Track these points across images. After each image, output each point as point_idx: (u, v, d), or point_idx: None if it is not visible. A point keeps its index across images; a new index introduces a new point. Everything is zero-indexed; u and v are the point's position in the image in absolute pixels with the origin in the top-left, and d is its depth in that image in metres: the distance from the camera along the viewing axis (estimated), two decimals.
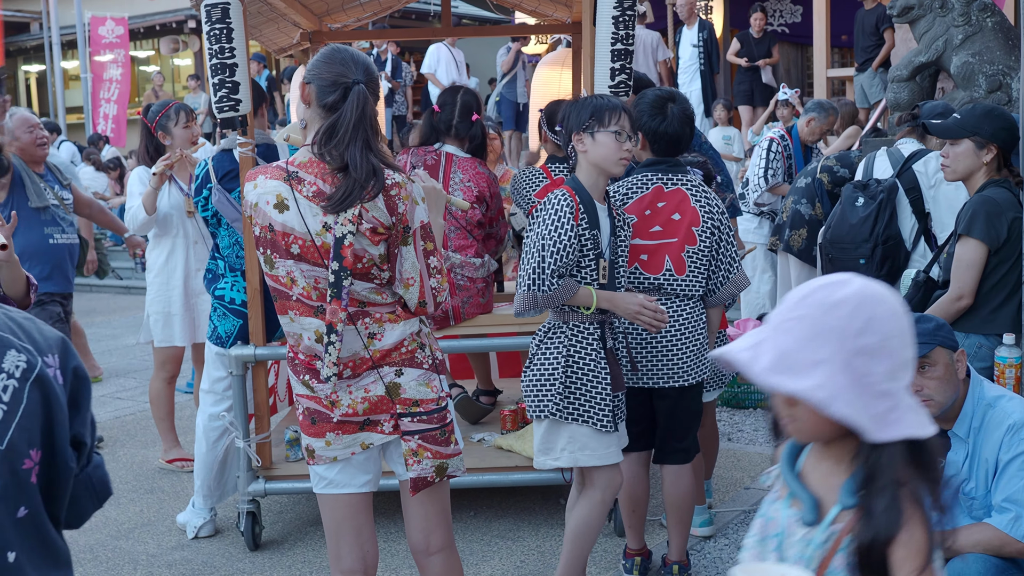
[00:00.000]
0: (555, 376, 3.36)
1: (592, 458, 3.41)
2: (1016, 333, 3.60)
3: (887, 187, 4.75)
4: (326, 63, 2.73)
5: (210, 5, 3.96)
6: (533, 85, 6.73)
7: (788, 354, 1.58)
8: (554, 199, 3.31)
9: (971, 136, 3.75)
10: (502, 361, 5.99)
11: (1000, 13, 5.92)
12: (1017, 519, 2.81)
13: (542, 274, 3.25)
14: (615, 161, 3.33)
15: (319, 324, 2.74)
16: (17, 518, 1.50)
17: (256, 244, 2.79)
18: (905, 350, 1.62)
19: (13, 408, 1.50)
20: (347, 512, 2.89)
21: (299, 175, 2.70)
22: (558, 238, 3.25)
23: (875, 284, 1.62)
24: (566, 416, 3.38)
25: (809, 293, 1.62)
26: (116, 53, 16.85)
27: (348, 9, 5.88)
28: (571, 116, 3.39)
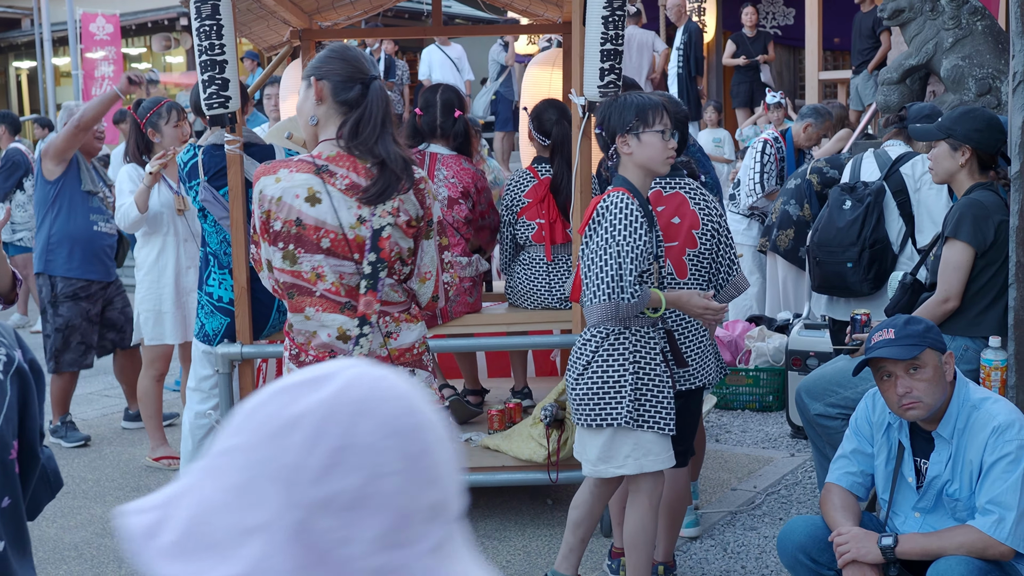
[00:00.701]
0: (624, 383, 3.28)
1: (656, 463, 3.35)
2: (1002, 336, 3.61)
3: (874, 190, 4.76)
4: (339, 60, 2.74)
5: (200, 1, 3.95)
6: (523, 85, 6.71)
7: (206, 518, 0.90)
8: (619, 202, 3.22)
9: (945, 138, 3.77)
10: (491, 360, 5.99)
11: (990, 17, 5.94)
12: (1000, 521, 2.82)
13: (621, 281, 3.16)
14: (662, 161, 3.30)
15: (343, 320, 2.73)
16: (2, 508, 1.51)
17: (273, 240, 2.72)
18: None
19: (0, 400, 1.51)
20: None
21: (330, 168, 2.70)
22: (635, 242, 3.18)
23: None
24: (639, 424, 3.30)
25: (257, 406, 0.93)
26: (107, 50, 16.80)
27: (338, 7, 5.87)
28: (612, 118, 3.31)
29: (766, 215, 7.17)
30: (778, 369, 6.19)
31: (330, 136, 2.75)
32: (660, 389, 3.34)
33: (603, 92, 3.97)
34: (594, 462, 3.38)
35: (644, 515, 3.41)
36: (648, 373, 3.33)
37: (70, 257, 5.57)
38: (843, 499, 3.18)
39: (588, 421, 3.33)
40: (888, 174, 4.78)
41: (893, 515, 3.14)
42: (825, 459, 3.85)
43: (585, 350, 3.35)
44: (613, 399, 3.29)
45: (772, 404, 6.24)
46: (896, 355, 2.93)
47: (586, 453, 3.41)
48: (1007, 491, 2.83)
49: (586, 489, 3.56)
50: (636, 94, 3.39)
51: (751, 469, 5.19)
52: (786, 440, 5.67)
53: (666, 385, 3.36)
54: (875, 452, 3.18)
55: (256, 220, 2.78)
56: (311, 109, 2.76)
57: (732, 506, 4.67)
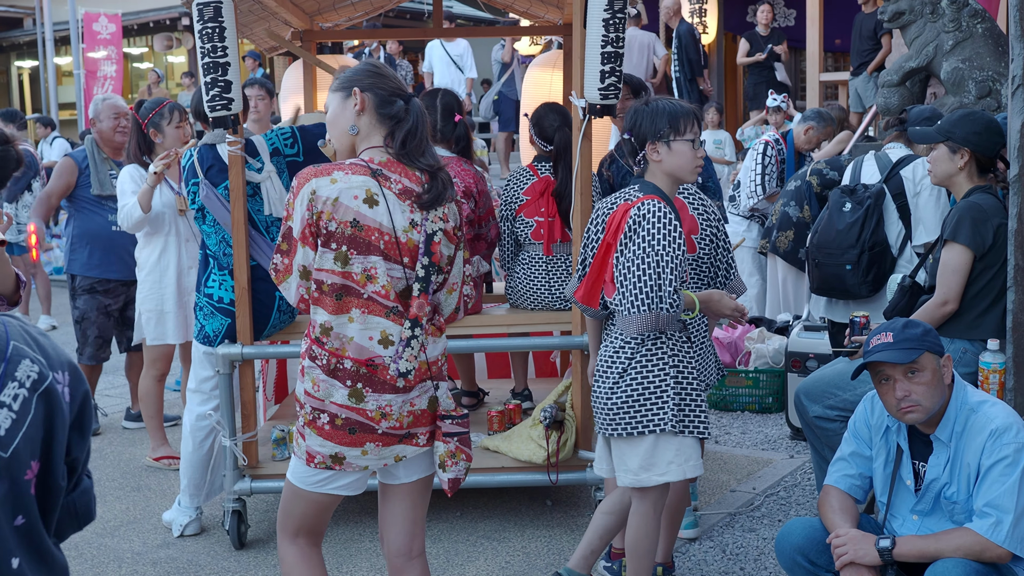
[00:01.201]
0: (666, 388, 3.26)
1: (696, 468, 3.34)
2: (1000, 339, 3.62)
3: (874, 192, 4.77)
4: (380, 76, 2.85)
5: (202, 4, 3.96)
6: (524, 87, 6.72)
7: None
8: (655, 210, 3.19)
9: (944, 141, 3.79)
10: (491, 361, 6.00)
11: (990, 19, 5.94)
12: (998, 524, 2.83)
13: (660, 291, 3.14)
14: (691, 169, 3.30)
15: (388, 325, 2.75)
16: (15, 526, 1.49)
17: (326, 241, 2.72)
18: None
19: (21, 417, 1.49)
20: (331, 505, 2.93)
21: (384, 172, 2.77)
22: (674, 252, 3.16)
23: None
24: (683, 429, 3.28)
25: None
26: (109, 50, 16.82)
27: (339, 8, 5.88)
28: (643, 124, 3.30)
29: (766, 217, 7.18)
30: (778, 371, 6.20)
31: (376, 144, 2.82)
32: (699, 393, 3.34)
33: (603, 94, 3.98)
34: (636, 471, 3.32)
35: (649, 522, 3.40)
36: (687, 377, 3.32)
37: (90, 257, 5.82)
38: (841, 501, 3.18)
39: (630, 429, 3.28)
40: (888, 177, 4.79)
41: (891, 517, 3.15)
42: (824, 461, 3.85)
43: (619, 357, 3.30)
44: (655, 405, 3.26)
45: (771, 406, 6.25)
46: (894, 359, 2.94)
47: (625, 463, 3.34)
48: (1004, 494, 2.84)
49: (616, 498, 3.54)
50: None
51: (750, 471, 5.20)
52: (785, 442, 5.68)
53: (702, 389, 3.37)
54: (873, 455, 3.19)
55: (299, 224, 2.76)
56: (351, 119, 2.82)
57: (731, 508, 4.67)
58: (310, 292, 2.81)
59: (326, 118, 2.92)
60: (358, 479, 2.87)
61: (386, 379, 2.75)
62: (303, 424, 2.81)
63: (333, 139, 2.91)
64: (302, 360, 2.85)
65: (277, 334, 4.46)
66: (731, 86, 15.04)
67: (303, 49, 5.73)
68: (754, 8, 14.21)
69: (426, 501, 2.97)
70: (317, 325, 2.80)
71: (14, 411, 1.48)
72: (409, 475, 2.90)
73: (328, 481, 2.83)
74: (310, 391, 2.79)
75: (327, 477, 2.82)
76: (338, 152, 2.92)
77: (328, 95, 2.91)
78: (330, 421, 2.76)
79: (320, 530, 2.97)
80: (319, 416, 2.77)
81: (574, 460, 4.33)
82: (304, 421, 2.81)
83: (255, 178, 4.29)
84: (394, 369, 2.74)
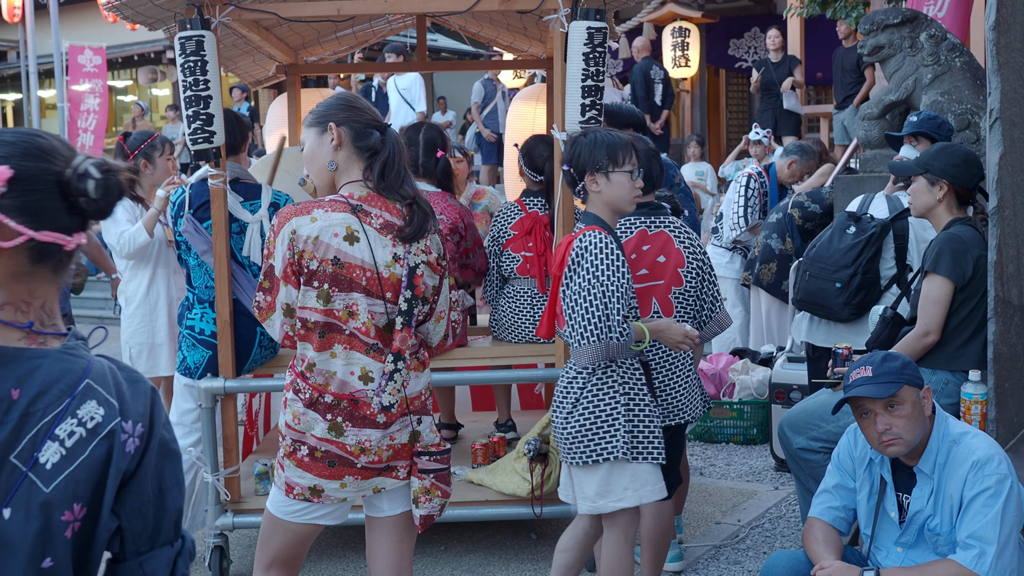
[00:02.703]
0: (617, 416, 3.28)
1: (654, 493, 3.36)
2: (982, 370, 3.63)
3: (880, 224, 4.80)
4: (354, 108, 2.85)
5: (184, 38, 3.98)
6: (508, 119, 6.76)
7: None
8: (597, 241, 3.23)
9: (923, 173, 3.82)
10: (475, 394, 5.98)
11: (969, 53, 6.01)
12: (981, 555, 2.82)
13: (609, 321, 3.17)
14: (629, 200, 3.33)
15: (368, 361, 2.76)
16: (41, 567, 1.42)
17: (308, 280, 2.73)
18: None
19: (72, 456, 1.44)
20: (310, 535, 2.93)
21: (364, 208, 2.77)
22: (619, 281, 3.20)
23: None
24: (635, 456, 3.31)
25: None
26: (94, 83, 16.83)
27: (324, 43, 5.91)
28: (583, 155, 3.32)
29: (748, 248, 7.21)
30: (762, 402, 6.20)
31: (355, 178, 2.83)
32: (651, 419, 3.36)
33: (584, 127, 4.00)
34: (592, 498, 3.35)
35: (620, 549, 3.41)
36: (638, 404, 3.34)
37: None
38: (825, 533, 3.18)
39: (584, 458, 3.31)
40: (896, 217, 4.83)
41: (875, 549, 3.14)
42: (808, 493, 3.85)
43: (572, 388, 3.34)
44: (608, 433, 3.28)
45: (756, 437, 6.25)
46: (874, 393, 2.95)
47: (582, 490, 3.37)
48: (987, 525, 2.84)
49: (578, 530, 3.53)
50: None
51: (735, 502, 5.19)
52: (770, 473, 5.67)
53: (655, 415, 3.38)
54: (857, 487, 3.19)
55: (280, 263, 2.77)
56: (329, 154, 2.83)
57: (716, 540, 4.66)
58: (295, 329, 2.81)
59: (303, 155, 2.92)
60: (337, 509, 2.87)
61: (367, 414, 2.76)
62: (283, 455, 2.82)
63: (312, 175, 2.91)
64: (285, 392, 2.86)
65: (260, 368, 4.44)
66: (713, 119, 15.17)
67: (287, 82, 5.75)
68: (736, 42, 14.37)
69: (412, 535, 2.96)
70: (304, 360, 2.80)
71: (65, 447, 1.44)
72: (393, 508, 2.89)
73: (306, 512, 2.83)
74: (290, 423, 2.80)
75: (305, 507, 2.82)
76: (318, 188, 2.92)
77: (303, 131, 2.91)
78: (309, 453, 2.77)
79: (296, 563, 2.96)
80: (299, 448, 2.78)
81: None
82: (284, 452, 2.82)
83: (246, 217, 4.30)
84: (377, 403, 2.75)
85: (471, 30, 6.00)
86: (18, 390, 1.42)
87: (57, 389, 1.45)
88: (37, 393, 1.43)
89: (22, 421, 1.42)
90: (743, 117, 15.10)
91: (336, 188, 2.86)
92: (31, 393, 1.43)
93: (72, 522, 1.45)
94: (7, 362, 1.44)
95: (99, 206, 1.52)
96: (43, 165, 1.49)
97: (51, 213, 1.49)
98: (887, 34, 5.98)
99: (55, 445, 1.43)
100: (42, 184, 1.48)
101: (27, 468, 1.41)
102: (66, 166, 1.50)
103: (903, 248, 4.78)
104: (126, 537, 1.54)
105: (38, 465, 1.42)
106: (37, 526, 1.42)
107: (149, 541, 1.56)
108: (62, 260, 1.53)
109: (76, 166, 1.50)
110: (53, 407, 1.44)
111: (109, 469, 1.48)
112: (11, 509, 1.40)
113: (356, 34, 5.97)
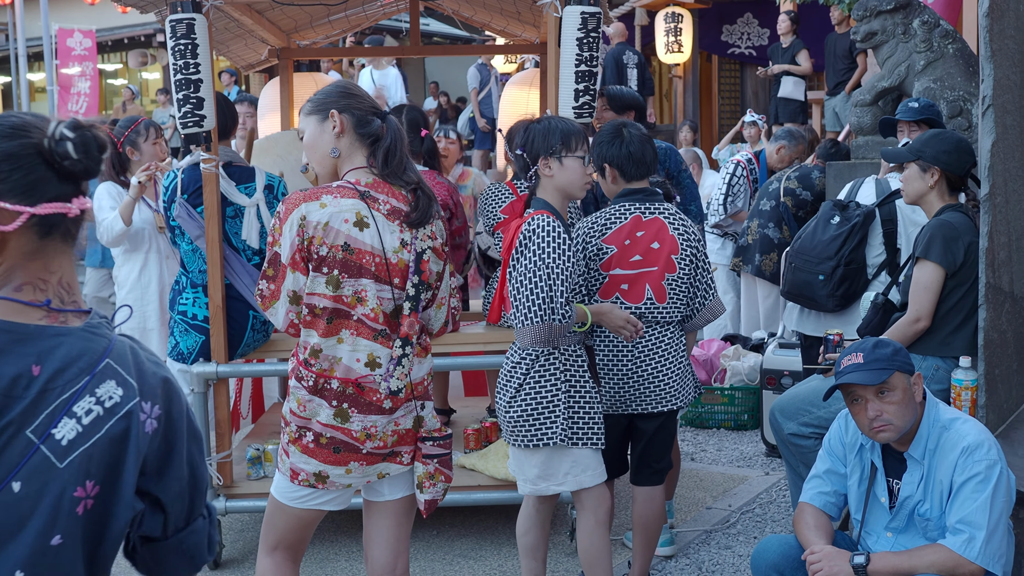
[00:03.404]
0: (557, 402, 3.34)
1: (593, 477, 3.43)
2: (972, 356, 3.65)
3: (864, 213, 4.81)
4: (353, 96, 2.86)
5: (175, 20, 3.96)
6: (501, 105, 6.76)
7: None
8: (544, 224, 3.27)
9: (915, 160, 3.83)
10: (467, 380, 5.98)
11: (961, 40, 6.01)
12: (971, 540, 2.84)
13: (552, 303, 3.21)
14: (581, 186, 3.38)
15: (376, 348, 2.77)
16: (50, 544, 1.44)
17: (317, 266, 2.73)
18: None
19: (88, 434, 1.46)
20: (314, 520, 2.94)
21: (371, 194, 2.77)
22: (564, 263, 3.23)
23: None
24: (574, 441, 3.36)
25: None
26: (84, 66, 16.73)
27: (317, 26, 5.89)
28: (536, 140, 3.38)
29: (738, 235, 7.21)
30: (753, 388, 6.22)
31: (359, 165, 2.83)
32: (591, 406, 3.41)
33: (577, 113, 4.00)
34: (534, 480, 3.44)
35: (592, 532, 3.47)
36: (580, 391, 3.39)
37: None
38: (816, 518, 3.19)
39: (524, 442, 3.39)
40: (882, 202, 4.83)
41: (865, 534, 3.16)
42: (799, 478, 3.87)
43: (516, 372, 3.40)
44: (547, 419, 3.35)
45: (747, 423, 6.27)
46: (865, 380, 2.96)
47: (524, 472, 3.46)
48: (977, 510, 2.85)
49: (530, 511, 3.61)
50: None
51: (726, 488, 5.21)
52: (761, 459, 5.70)
53: (596, 401, 3.43)
54: (848, 472, 3.20)
55: (287, 250, 2.75)
56: (331, 141, 2.83)
57: (707, 525, 4.68)
58: (301, 316, 2.80)
59: (303, 143, 2.90)
60: (341, 495, 2.88)
61: (373, 400, 2.76)
62: (288, 442, 2.82)
63: (313, 163, 2.89)
64: (289, 380, 2.86)
65: (252, 352, 4.43)
66: (705, 105, 15.15)
67: (280, 67, 5.73)
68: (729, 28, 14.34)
69: (410, 519, 2.97)
70: (308, 347, 2.79)
71: (82, 424, 1.46)
72: (393, 493, 2.90)
73: (311, 497, 2.84)
74: (295, 410, 2.80)
75: (309, 493, 2.83)
76: (320, 176, 2.91)
77: (301, 119, 2.89)
78: (315, 439, 2.77)
79: (300, 547, 2.97)
80: (304, 434, 2.78)
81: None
82: (289, 439, 2.82)
83: (243, 201, 4.28)
84: (385, 388, 2.76)
85: (464, 14, 5.99)
86: (39, 366, 1.45)
87: (77, 367, 1.47)
88: (57, 370, 1.46)
89: (40, 396, 1.44)
90: (735, 103, 15.07)
91: (339, 175, 2.86)
92: (51, 370, 1.45)
93: (84, 499, 1.46)
94: (29, 339, 1.46)
95: (84, 165, 1.53)
96: (20, 141, 1.50)
97: (43, 185, 1.50)
98: (880, 20, 5.98)
99: (72, 422, 1.45)
100: (25, 160, 1.49)
101: (40, 441, 1.43)
102: (43, 136, 1.51)
103: (892, 233, 4.79)
104: (169, 520, 1.62)
105: (53, 440, 1.43)
106: (48, 501, 1.43)
107: (187, 518, 1.65)
108: (70, 229, 1.55)
109: (51, 133, 1.52)
110: (72, 384, 1.46)
111: (128, 449, 1.50)
112: (21, 483, 1.41)
113: (349, 18, 5.95)
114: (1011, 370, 3.86)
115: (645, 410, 3.69)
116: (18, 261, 1.50)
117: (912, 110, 4.76)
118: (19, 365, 1.43)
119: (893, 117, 4.90)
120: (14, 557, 1.41)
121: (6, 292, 1.49)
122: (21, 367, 1.43)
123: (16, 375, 1.42)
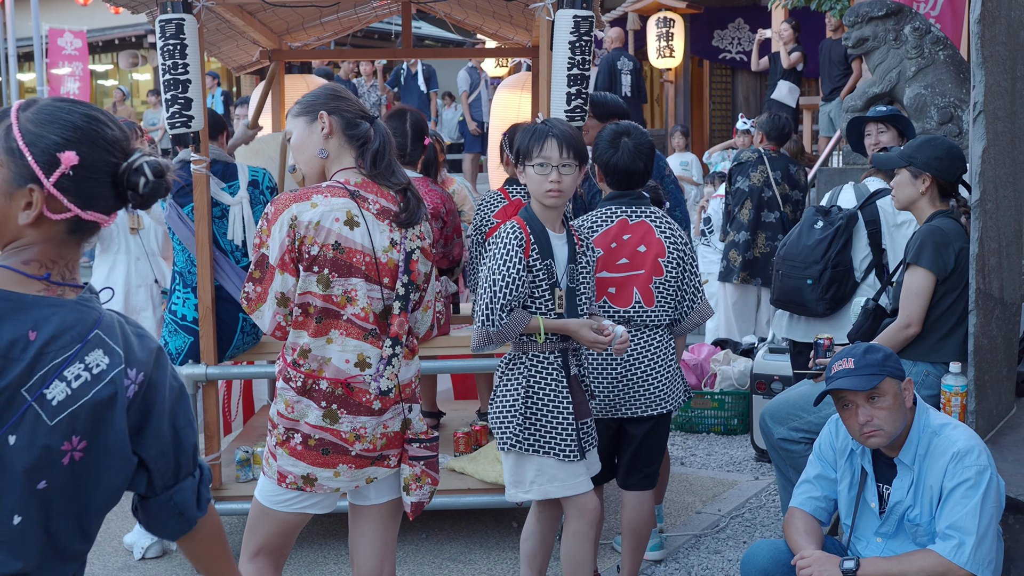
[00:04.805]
0: (515, 407, 3.32)
1: (562, 489, 3.35)
2: (962, 362, 3.65)
3: (847, 215, 4.81)
4: (342, 98, 2.87)
5: (165, 20, 3.94)
6: (493, 108, 6.75)
7: None
8: (504, 233, 3.28)
9: (906, 166, 3.84)
10: (457, 383, 5.97)
11: (952, 47, 6.03)
12: (960, 546, 2.84)
13: (493, 310, 3.21)
14: (542, 193, 3.27)
15: (366, 347, 2.76)
16: (37, 488, 1.59)
17: (308, 265, 2.71)
18: None
19: (76, 396, 1.60)
20: (299, 525, 2.93)
21: (361, 194, 2.78)
22: (507, 272, 3.22)
23: None
24: (527, 448, 3.32)
25: None
26: (74, 66, 16.67)
27: (308, 28, 5.88)
28: (515, 146, 3.39)
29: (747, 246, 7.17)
30: (743, 393, 6.22)
31: (348, 165, 2.83)
32: (555, 414, 3.32)
33: (570, 116, 3.99)
34: (509, 484, 3.44)
35: (571, 540, 3.42)
36: (541, 398, 3.32)
37: None
38: (806, 523, 3.19)
39: (499, 445, 3.41)
40: (863, 204, 4.84)
41: (855, 540, 3.16)
42: (789, 483, 3.86)
43: (495, 377, 3.44)
44: (505, 423, 3.35)
45: (737, 427, 6.27)
46: (855, 386, 2.95)
47: (505, 475, 3.47)
48: (966, 516, 2.85)
49: (531, 517, 3.58)
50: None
51: (715, 492, 5.21)
52: (750, 463, 5.70)
53: (563, 409, 3.32)
54: (838, 477, 3.20)
55: (276, 251, 2.73)
56: (319, 142, 2.83)
57: (696, 529, 4.68)
58: (292, 317, 2.78)
59: (291, 144, 2.90)
60: (327, 498, 2.86)
61: (362, 401, 2.75)
62: (275, 444, 2.80)
63: (301, 164, 2.89)
64: (276, 381, 2.85)
65: (241, 355, 4.41)
66: (696, 110, 15.18)
67: (272, 68, 5.71)
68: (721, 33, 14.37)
69: (397, 523, 2.96)
70: (297, 347, 2.77)
71: (71, 388, 1.60)
72: (380, 496, 2.89)
73: (297, 501, 2.82)
74: (283, 412, 2.78)
75: (295, 497, 2.81)
76: (307, 177, 2.90)
77: (289, 121, 2.89)
78: (303, 441, 2.75)
79: (283, 552, 2.94)
80: (292, 436, 2.76)
81: None
82: (276, 441, 2.79)
83: (226, 199, 4.26)
84: (375, 388, 2.75)
85: (456, 17, 5.98)
86: (35, 332, 1.59)
87: (69, 336, 1.62)
88: (51, 336, 1.60)
89: (35, 359, 1.58)
90: (727, 108, 15.11)
91: (327, 176, 2.85)
92: (46, 336, 1.59)
93: (71, 451, 1.62)
94: (27, 307, 1.60)
95: (142, 201, 1.71)
96: (105, 156, 1.67)
97: (100, 197, 1.68)
98: (871, 26, 6.00)
99: (62, 385, 1.60)
100: (100, 174, 1.67)
101: (32, 399, 1.57)
102: (124, 158, 1.69)
103: (876, 234, 4.80)
104: (153, 476, 1.77)
105: (44, 400, 1.58)
106: (37, 453, 1.58)
107: (174, 476, 1.79)
108: (92, 232, 1.72)
109: (132, 162, 1.69)
110: (64, 350, 1.61)
111: (114, 410, 1.65)
112: (16, 436, 1.57)
113: (340, 20, 5.94)
114: (1001, 376, 3.86)
115: (635, 414, 3.68)
116: (38, 242, 1.65)
117: (880, 111, 4.78)
118: (17, 330, 1.57)
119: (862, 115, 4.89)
120: (9, 503, 1.58)
121: (13, 263, 1.64)
122: (18, 332, 1.57)
123: (14, 339, 1.57)
